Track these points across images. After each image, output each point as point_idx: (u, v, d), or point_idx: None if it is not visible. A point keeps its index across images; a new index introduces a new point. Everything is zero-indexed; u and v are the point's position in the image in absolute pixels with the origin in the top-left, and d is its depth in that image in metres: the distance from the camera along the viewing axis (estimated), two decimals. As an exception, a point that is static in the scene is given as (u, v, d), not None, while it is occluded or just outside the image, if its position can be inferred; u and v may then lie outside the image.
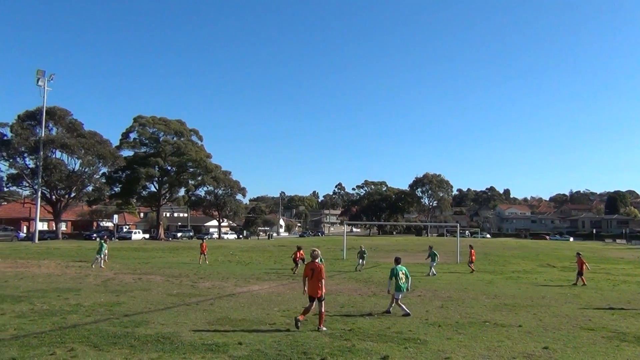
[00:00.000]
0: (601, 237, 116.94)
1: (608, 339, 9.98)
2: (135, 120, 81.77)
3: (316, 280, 10.43)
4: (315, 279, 10.44)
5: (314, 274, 10.48)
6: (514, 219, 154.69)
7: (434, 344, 9.18)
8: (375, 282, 20.33)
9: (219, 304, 13.82)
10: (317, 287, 10.40)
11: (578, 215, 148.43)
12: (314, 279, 10.45)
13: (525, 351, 8.74)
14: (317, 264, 10.64)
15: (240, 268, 26.86)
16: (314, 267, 10.57)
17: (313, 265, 10.60)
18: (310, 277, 10.51)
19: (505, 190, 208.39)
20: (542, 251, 55.26)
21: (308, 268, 10.71)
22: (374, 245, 62.09)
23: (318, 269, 10.52)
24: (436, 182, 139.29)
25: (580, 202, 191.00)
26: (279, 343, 8.92)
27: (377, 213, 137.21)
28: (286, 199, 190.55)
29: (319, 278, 10.41)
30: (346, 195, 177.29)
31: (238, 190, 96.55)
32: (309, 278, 10.55)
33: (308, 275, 10.58)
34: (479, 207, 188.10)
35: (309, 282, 10.53)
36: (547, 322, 11.77)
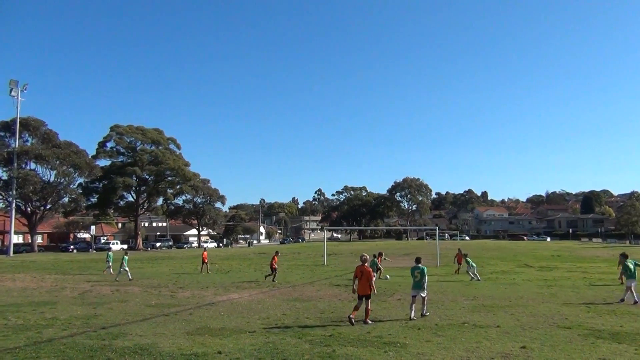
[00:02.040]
0: (577, 236, 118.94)
1: (584, 337, 10.14)
2: (112, 130, 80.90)
3: (365, 281, 11.94)
4: (364, 280, 11.94)
5: (363, 275, 12.00)
6: (492, 220, 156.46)
7: (414, 347, 9.23)
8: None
9: (198, 313, 13.70)
10: (367, 286, 11.91)
11: (554, 216, 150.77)
12: (364, 279, 11.95)
13: (503, 351, 8.84)
14: (365, 267, 12.13)
15: (220, 277, 26.68)
16: (363, 269, 12.06)
17: (362, 268, 12.09)
18: (360, 278, 12.02)
19: (483, 192, 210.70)
20: (520, 252, 55.95)
21: (358, 270, 12.17)
22: (355, 251, 62.18)
23: (367, 271, 12.07)
24: (415, 186, 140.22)
25: (556, 202, 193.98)
26: (258, 351, 8.88)
27: (357, 218, 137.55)
28: (266, 206, 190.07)
29: (369, 278, 11.96)
30: (326, 201, 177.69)
31: (217, 198, 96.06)
32: (358, 279, 12.08)
33: (358, 276, 12.14)
34: (458, 209, 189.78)
35: (359, 282, 12.03)
36: (524, 322, 11.92)
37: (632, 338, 9.97)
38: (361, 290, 11.99)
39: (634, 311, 13.70)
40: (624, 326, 11.33)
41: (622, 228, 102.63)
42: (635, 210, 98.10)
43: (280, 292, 19.11)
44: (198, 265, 31.90)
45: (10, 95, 64.09)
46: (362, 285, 11.96)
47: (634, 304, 15.09)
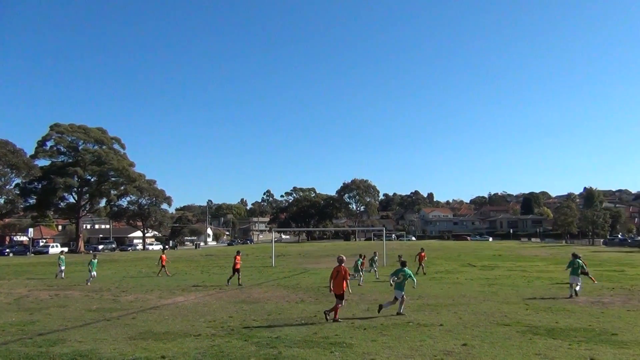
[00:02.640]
0: (517, 236, 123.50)
1: (522, 333, 10.53)
2: (52, 128, 77.79)
3: (341, 279, 12.45)
4: (340, 279, 12.44)
5: (338, 275, 12.49)
6: (437, 221, 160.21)
7: (360, 346, 9.33)
8: (303, 289, 20.40)
9: (142, 317, 13.37)
10: (342, 285, 12.41)
11: (496, 216, 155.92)
12: (339, 278, 12.45)
13: (445, 349, 9.07)
14: (342, 266, 12.58)
15: (165, 279, 26.12)
16: (339, 269, 12.53)
17: (339, 268, 12.55)
18: (335, 278, 12.50)
19: (429, 194, 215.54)
20: (464, 251, 57.52)
21: (335, 270, 12.64)
22: (303, 252, 62.30)
23: (343, 270, 12.53)
24: (363, 187, 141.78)
25: (498, 203, 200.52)
26: (203, 354, 8.75)
27: (306, 219, 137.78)
28: (214, 208, 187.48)
29: (344, 278, 12.46)
30: (275, 202, 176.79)
31: (163, 199, 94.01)
32: (334, 278, 12.53)
33: (334, 276, 12.60)
34: (405, 210, 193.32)
35: (335, 281, 12.49)
36: (466, 320, 12.26)
37: (566, 334, 10.43)
38: (336, 289, 12.47)
39: (569, 308, 14.33)
40: (559, 322, 11.84)
41: (559, 228, 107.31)
42: (571, 211, 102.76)
43: (227, 294, 18.90)
44: (156, 268, 30.96)
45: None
46: (337, 284, 12.47)
47: (574, 295, 16.53)
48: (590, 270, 29.35)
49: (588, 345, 9.25)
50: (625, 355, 8.45)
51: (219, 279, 25.42)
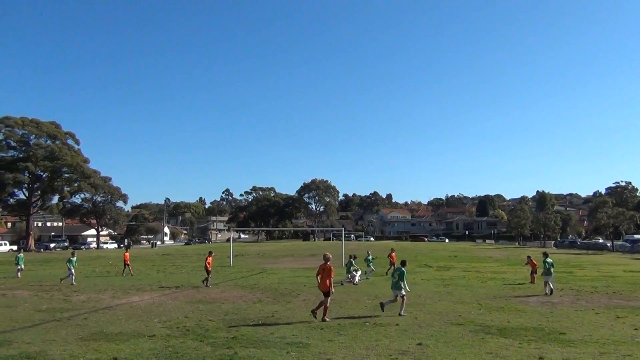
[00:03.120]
0: (473, 238, 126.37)
1: (475, 333, 10.77)
2: (1, 122, 74.99)
3: (326, 277, 12.46)
4: (325, 277, 12.47)
5: (324, 273, 12.54)
6: (395, 222, 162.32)
7: (316, 346, 9.34)
8: (261, 289, 20.30)
9: (94, 318, 13.03)
10: (326, 283, 12.40)
11: (453, 218, 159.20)
12: (325, 276, 12.48)
13: (400, 348, 9.18)
14: (328, 265, 12.66)
15: (119, 279, 25.57)
16: (325, 267, 12.62)
17: (325, 266, 12.64)
18: (322, 275, 12.52)
19: (388, 195, 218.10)
20: (421, 252, 58.41)
21: (320, 268, 12.72)
22: (262, 252, 62.02)
23: (328, 268, 12.60)
24: (323, 187, 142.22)
25: (455, 205, 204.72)
26: (157, 355, 8.59)
27: (265, 219, 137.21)
28: (171, 206, 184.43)
29: (329, 276, 12.48)
30: (234, 202, 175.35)
31: (119, 197, 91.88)
32: (320, 276, 12.56)
33: (320, 273, 12.64)
34: (364, 211, 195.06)
35: (320, 279, 12.55)
36: (421, 320, 12.45)
37: (517, 333, 10.72)
38: (321, 286, 12.57)
39: (520, 308, 14.74)
40: (511, 322, 12.16)
41: (512, 230, 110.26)
42: (524, 213, 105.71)
43: (183, 294, 18.63)
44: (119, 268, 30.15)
45: None
46: (322, 282, 12.55)
47: (550, 293, 17.85)
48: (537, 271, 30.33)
49: (537, 344, 9.54)
50: (572, 354, 8.75)
51: (176, 278, 25.06)
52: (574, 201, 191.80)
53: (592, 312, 14.04)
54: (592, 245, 76.53)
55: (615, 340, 9.97)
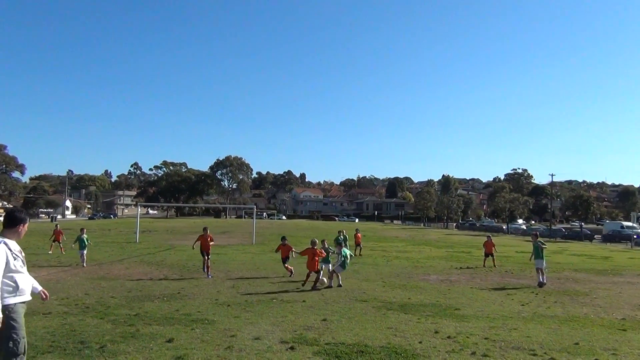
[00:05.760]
0: (382, 218, 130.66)
1: (377, 309, 11.19)
2: None
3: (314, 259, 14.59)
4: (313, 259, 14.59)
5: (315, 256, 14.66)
6: (308, 201, 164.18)
7: (222, 323, 9.31)
8: (167, 265, 19.90)
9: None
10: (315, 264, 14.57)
11: (363, 199, 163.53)
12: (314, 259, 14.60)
13: (305, 324, 9.35)
14: (315, 249, 14.83)
15: (49, 252, 23.95)
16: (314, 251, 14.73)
17: (314, 250, 14.78)
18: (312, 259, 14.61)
19: (301, 174, 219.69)
20: (331, 232, 59.49)
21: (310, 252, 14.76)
22: (171, 228, 60.57)
23: (317, 251, 14.86)
24: (237, 164, 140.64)
25: (365, 186, 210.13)
26: (53, 334, 8.18)
27: (175, 195, 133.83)
28: (74, 179, 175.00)
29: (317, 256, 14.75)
30: (143, 176, 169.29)
31: (15, 167, 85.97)
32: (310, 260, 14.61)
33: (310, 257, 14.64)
34: (277, 190, 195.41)
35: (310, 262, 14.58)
36: (328, 297, 12.75)
37: (417, 309, 11.26)
38: (311, 267, 14.49)
39: (421, 285, 15.49)
40: (412, 299, 12.75)
41: (419, 212, 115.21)
42: (430, 196, 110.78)
43: (84, 270, 17.84)
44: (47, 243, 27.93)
45: None
46: (312, 264, 14.48)
47: (541, 284, 15.59)
48: (439, 251, 31.97)
49: (434, 319, 10.07)
50: (465, 327, 9.33)
51: (76, 254, 23.86)
52: (475, 186, 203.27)
53: (485, 289, 15.02)
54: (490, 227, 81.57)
55: (504, 315, 10.74)
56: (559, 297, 13.79)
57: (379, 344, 7.90)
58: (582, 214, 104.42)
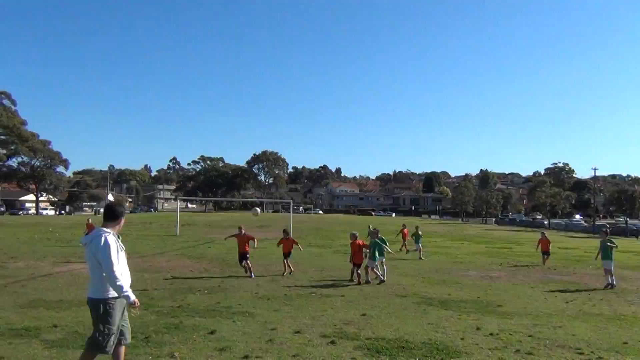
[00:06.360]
0: (419, 213, 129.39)
1: (417, 304, 11.09)
2: None
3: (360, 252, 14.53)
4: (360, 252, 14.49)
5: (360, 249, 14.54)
6: (344, 196, 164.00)
7: (262, 316, 9.40)
8: (208, 259, 20.19)
9: (33, 285, 12.62)
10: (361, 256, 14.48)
11: (400, 193, 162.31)
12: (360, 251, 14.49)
13: (345, 318, 9.35)
14: (358, 241, 14.59)
15: (60, 246, 24.78)
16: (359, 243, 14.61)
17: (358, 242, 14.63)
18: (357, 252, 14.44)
19: (337, 168, 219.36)
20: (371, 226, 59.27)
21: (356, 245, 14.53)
22: (209, 222, 61.49)
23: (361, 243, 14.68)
24: (273, 159, 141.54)
25: (402, 181, 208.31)
26: (99, 324, 8.41)
27: (213, 189, 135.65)
28: (115, 173, 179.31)
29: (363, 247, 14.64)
30: (181, 170, 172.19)
31: (59, 162, 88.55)
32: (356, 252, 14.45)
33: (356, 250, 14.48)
34: (313, 184, 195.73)
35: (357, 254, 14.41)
36: (367, 292, 12.71)
37: (457, 305, 11.12)
38: (357, 259, 14.32)
39: (461, 281, 15.28)
40: (452, 295, 12.60)
41: (456, 207, 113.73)
42: (468, 191, 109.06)
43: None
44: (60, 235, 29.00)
45: None
46: (359, 256, 14.37)
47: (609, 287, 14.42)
48: (485, 247, 31.46)
49: (476, 316, 9.93)
50: (508, 325, 9.16)
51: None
52: (515, 180, 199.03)
53: (527, 286, 14.71)
54: (531, 222, 79.84)
55: (548, 313, 10.50)
56: (605, 294, 13.41)
57: (420, 339, 7.83)
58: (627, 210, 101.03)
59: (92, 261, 4.97)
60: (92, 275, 5.02)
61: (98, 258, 4.90)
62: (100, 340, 4.95)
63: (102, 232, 5.05)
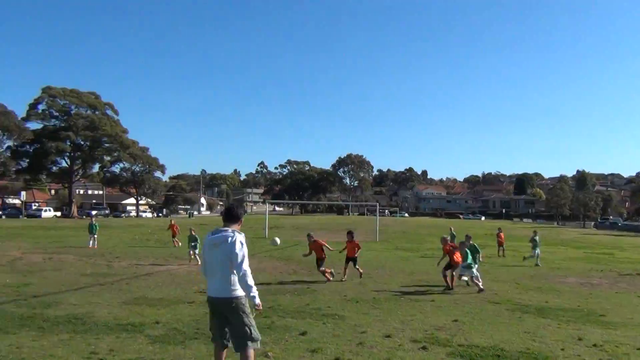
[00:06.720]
0: (510, 216, 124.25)
1: (511, 311, 10.67)
2: (44, 91, 76.73)
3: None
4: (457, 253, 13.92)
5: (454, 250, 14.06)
6: (430, 198, 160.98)
7: (351, 319, 9.43)
8: (296, 261, 20.53)
9: (136, 283, 13.46)
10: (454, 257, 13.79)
11: (489, 196, 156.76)
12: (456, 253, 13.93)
13: (436, 324, 9.17)
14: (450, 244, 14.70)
15: (158, 247, 26.22)
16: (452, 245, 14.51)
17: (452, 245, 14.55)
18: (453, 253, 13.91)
19: (423, 171, 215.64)
20: (456, 230, 57.80)
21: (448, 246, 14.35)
22: (297, 224, 62.56)
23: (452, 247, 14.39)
24: (358, 162, 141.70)
25: (491, 183, 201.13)
26: (197, 322, 8.82)
27: (299, 192, 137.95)
28: (207, 177, 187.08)
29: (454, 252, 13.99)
30: (269, 174, 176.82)
31: (157, 167, 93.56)
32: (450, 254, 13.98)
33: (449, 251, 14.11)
34: (398, 187, 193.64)
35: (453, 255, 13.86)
36: (457, 297, 12.40)
37: (555, 313, 10.57)
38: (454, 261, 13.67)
39: (558, 288, 14.53)
40: (549, 302, 12.00)
41: (551, 210, 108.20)
42: (563, 193, 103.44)
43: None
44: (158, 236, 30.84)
45: None
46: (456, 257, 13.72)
47: None
48: (576, 252, 29.69)
49: (576, 325, 9.39)
50: (612, 336, 8.58)
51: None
52: (615, 181, 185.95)
53: (633, 295, 13.73)
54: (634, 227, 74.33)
55: (658, 325, 9.74)
56: None
57: (517, 348, 7.51)
58: None
59: (221, 261, 5.07)
60: (220, 274, 5.12)
61: (232, 258, 5.01)
62: (248, 333, 5.11)
63: (235, 233, 5.13)
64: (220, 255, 5.10)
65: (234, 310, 5.10)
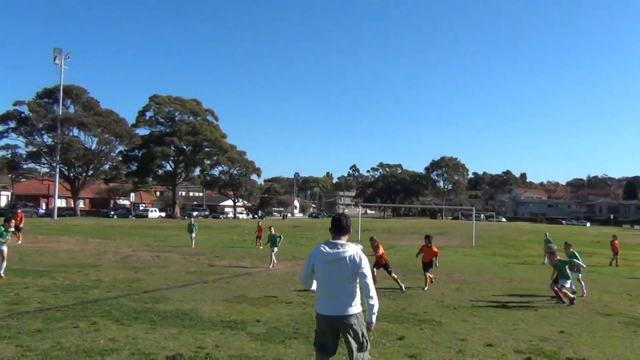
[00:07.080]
0: (619, 222, 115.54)
1: (625, 325, 9.93)
2: (151, 100, 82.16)
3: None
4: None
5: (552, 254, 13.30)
6: (529, 203, 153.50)
7: (450, 325, 9.22)
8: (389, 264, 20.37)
9: (236, 282, 14.00)
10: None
11: (595, 201, 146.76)
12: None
13: (541, 335, 8.74)
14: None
15: (255, 248, 27.08)
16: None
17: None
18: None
19: (521, 174, 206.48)
20: (558, 236, 54.73)
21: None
22: (389, 228, 62.17)
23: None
24: (452, 165, 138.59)
25: (597, 187, 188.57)
26: (295, 321, 9.03)
27: (391, 195, 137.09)
28: (300, 180, 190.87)
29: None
30: (360, 177, 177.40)
31: (253, 170, 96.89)
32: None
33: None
34: (495, 190, 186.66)
35: None
36: (562, 307, 11.74)
37: (676, 329, 9.72)
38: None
39: (678, 301, 13.32)
40: (667, 316, 11.05)
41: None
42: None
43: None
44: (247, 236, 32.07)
45: (54, 63, 65.87)
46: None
47: None
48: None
49: (701, 343, 8.57)
50: None
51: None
52: None
53: None
54: None
55: None
56: None
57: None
58: None
59: (339, 279, 4.84)
60: (338, 292, 4.86)
61: (360, 273, 4.81)
62: (365, 345, 4.94)
63: (356, 249, 4.91)
64: (338, 273, 4.83)
65: (353, 326, 4.85)
